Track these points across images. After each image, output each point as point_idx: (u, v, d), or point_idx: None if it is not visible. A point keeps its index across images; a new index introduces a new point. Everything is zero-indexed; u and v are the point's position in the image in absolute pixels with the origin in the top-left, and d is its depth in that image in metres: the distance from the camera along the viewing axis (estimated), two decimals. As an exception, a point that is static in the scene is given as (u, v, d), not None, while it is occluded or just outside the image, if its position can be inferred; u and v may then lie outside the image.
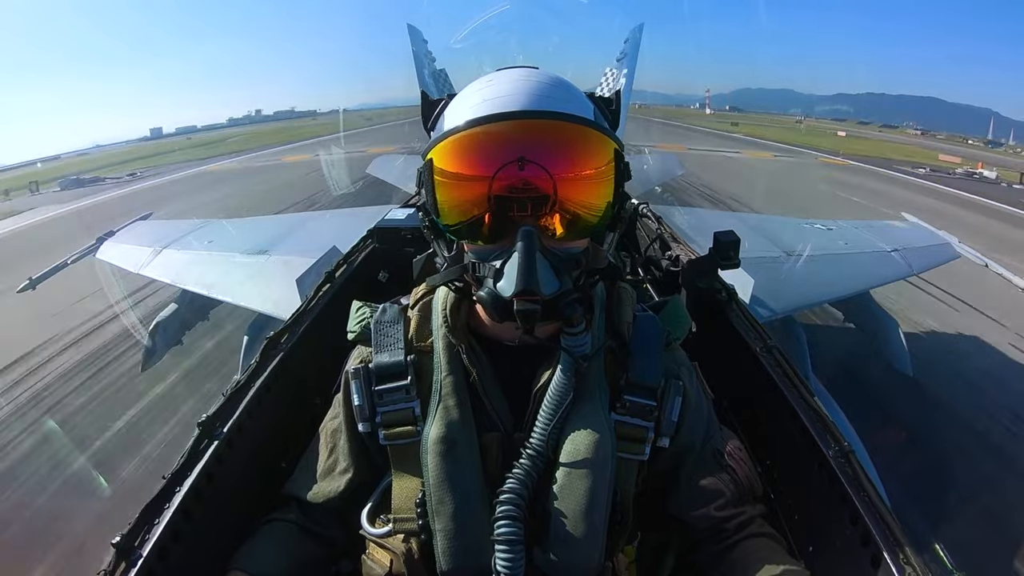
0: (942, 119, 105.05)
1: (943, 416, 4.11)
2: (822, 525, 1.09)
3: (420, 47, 2.45)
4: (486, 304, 0.88)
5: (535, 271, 0.82)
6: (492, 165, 0.83)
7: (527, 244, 0.82)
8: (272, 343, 1.45)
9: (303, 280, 3.07)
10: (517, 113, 0.84)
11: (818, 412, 1.17)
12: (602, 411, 0.94)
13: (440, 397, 0.95)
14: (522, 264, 0.82)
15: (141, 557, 0.92)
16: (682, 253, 2.03)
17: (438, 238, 0.97)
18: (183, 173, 24.40)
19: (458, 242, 0.93)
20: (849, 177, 19.52)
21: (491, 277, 0.86)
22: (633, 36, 2.36)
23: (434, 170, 0.87)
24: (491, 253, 0.87)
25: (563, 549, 0.89)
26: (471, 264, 0.89)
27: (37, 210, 16.76)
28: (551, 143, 0.84)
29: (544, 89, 0.88)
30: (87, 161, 39.31)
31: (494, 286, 0.85)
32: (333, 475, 1.08)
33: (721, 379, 1.35)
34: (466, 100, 0.91)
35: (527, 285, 0.82)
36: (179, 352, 4.63)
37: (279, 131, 53.04)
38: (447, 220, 0.89)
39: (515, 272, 0.82)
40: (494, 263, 0.86)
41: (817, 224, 4.54)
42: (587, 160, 0.86)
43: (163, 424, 4.28)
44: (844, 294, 3.76)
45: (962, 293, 6.35)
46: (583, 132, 0.86)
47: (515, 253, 0.83)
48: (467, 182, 0.85)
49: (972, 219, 12.55)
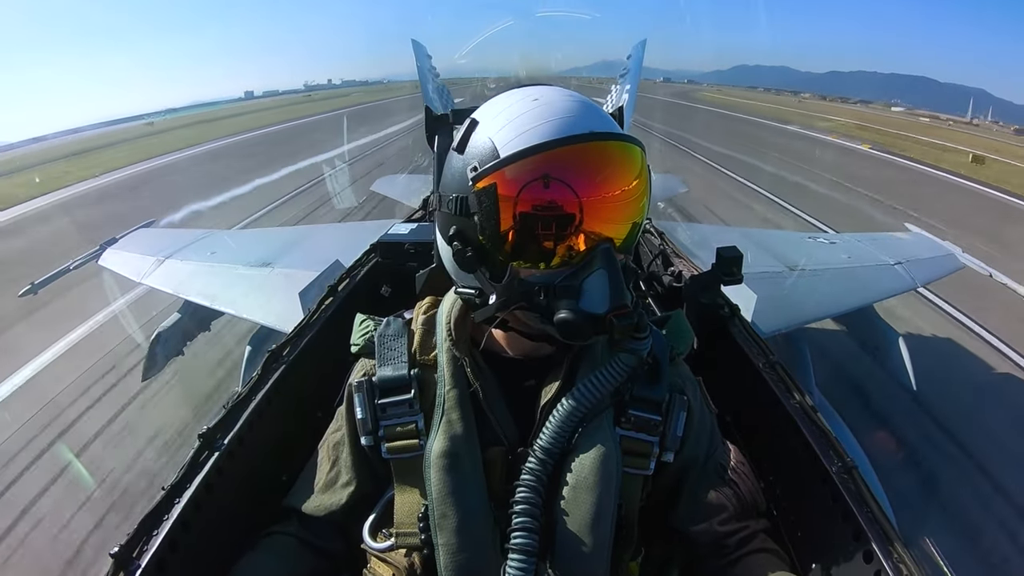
0: (933, 98, 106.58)
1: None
2: (825, 541, 1.08)
3: (424, 62, 2.47)
4: (573, 325, 0.84)
5: (623, 286, 0.83)
6: (583, 189, 0.83)
7: (610, 261, 0.83)
8: (274, 356, 1.46)
9: (306, 293, 3.07)
10: (599, 135, 0.85)
11: (821, 428, 1.17)
12: (608, 426, 0.94)
13: (443, 411, 0.95)
14: (613, 280, 0.83)
15: (139, 568, 0.92)
16: (685, 269, 2.04)
17: (482, 266, 0.90)
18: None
19: (511, 268, 0.87)
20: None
21: (572, 298, 0.84)
22: (636, 52, 2.38)
23: (499, 196, 0.83)
24: (558, 275, 0.86)
25: (568, 563, 0.89)
26: (538, 289, 0.86)
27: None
28: (614, 164, 0.86)
29: (592, 111, 0.89)
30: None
31: (579, 306, 0.84)
32: (335, 488, 1.07)
33: (724, 394, 1.35)
34: (520, 119, 0.87)
35: (622, 300, 0.83)
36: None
37: (372, 92, 70.58)
38: (519, 250, 0.85)
39: (607, 289, 0.82)
40: (567, 284, 0.85)
41: (820, 238, 4.54)
42: (638, 178, 0.88)
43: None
44: (847, 309, 3.74)
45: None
46: (633, 152, 0.88)
47: (599, 270, 0.83)
48: (545, 208, 0.83)
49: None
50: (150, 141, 29.79)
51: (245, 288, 3.56)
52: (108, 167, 20.45)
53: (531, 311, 0.88)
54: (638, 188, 0.87)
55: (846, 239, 4.51)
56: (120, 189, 16.05)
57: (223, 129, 32.29)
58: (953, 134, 34.07)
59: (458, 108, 1.75)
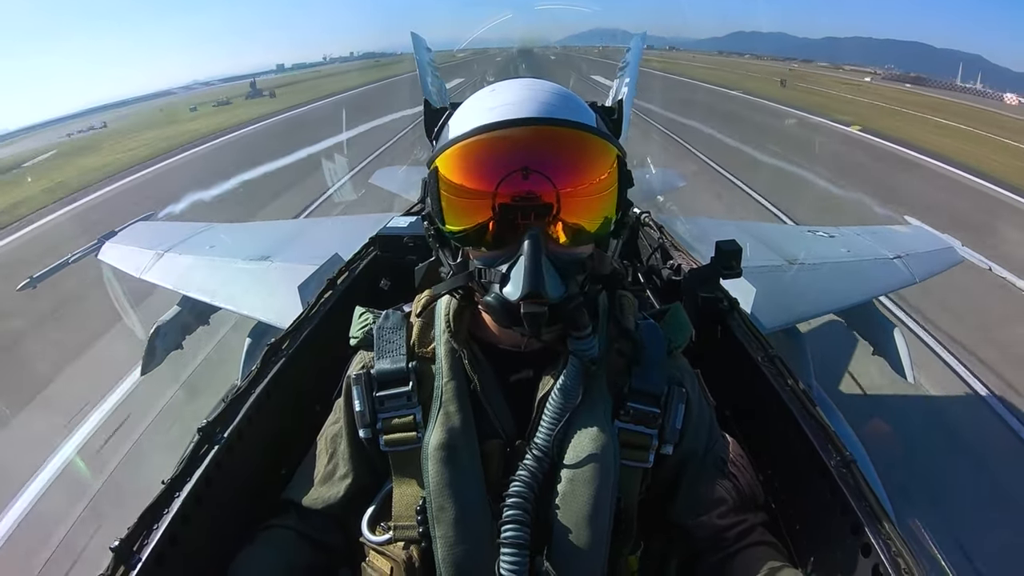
0: (927, 64, 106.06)
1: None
2: (823, 534, 1.08)
3: (423, 56, 2.45)
4: (493, 309, 0.87)
5: (541, 274, 0.82)
6: (497, 174, 0.83)
7: (533, 247, 0.82)
8: (273, 349, 1.45)
9: (305, 287, 3.06)
10: (520, 120, 0.83)
11: (820, 421, 1.17)
12: (605, 419, 0.94)
13: (441, 403, 0.95)
14: (528, 267, 0.82)
15: (139, 561, 0.93)
16: (684, 262, 2.03)
17: (443, 247, 0.97)
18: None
19: (463, 250, 0.93)
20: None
21: (497, 282, 0.86)
22: (635, 45, 2.35)
23: (439, 179, 0.87)
24: (497, 259, 0.87)
25: (565, 557, 0.89)
26: (477, 271, 0.89)
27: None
28: (554, 151, 0.84)
29: (547, 97, 0.88)
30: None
31: (500, 291, 0.85)
32: (333, 481, 1.08)
33: (723, 388, 1.35)
34: (470, 109, 0.92)
35: (533, 288, 0.81)
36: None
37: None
38: (452, 228, 0.89)
39: (521, 275, 0.82)
40: (500, 268, 0.86)
41: (820, 232, 4.52)
42: (590, 167, 0.86)
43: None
44: (847, 303, 3.73)
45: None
46: (585, 139, 0.86)
47: (521, 257, 0.83)
48: (472, 190, 0.85)
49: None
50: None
51: (244, 282, 3.55)
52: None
53: (468, 291, 0.94)
54: (572, 176, 0.85)
55: (845, 232, 4.48)
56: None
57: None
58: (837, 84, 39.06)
59: (456, 102, 1.74)
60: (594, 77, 29.79)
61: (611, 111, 1.00)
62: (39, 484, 3.89)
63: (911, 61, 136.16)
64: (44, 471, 4.00)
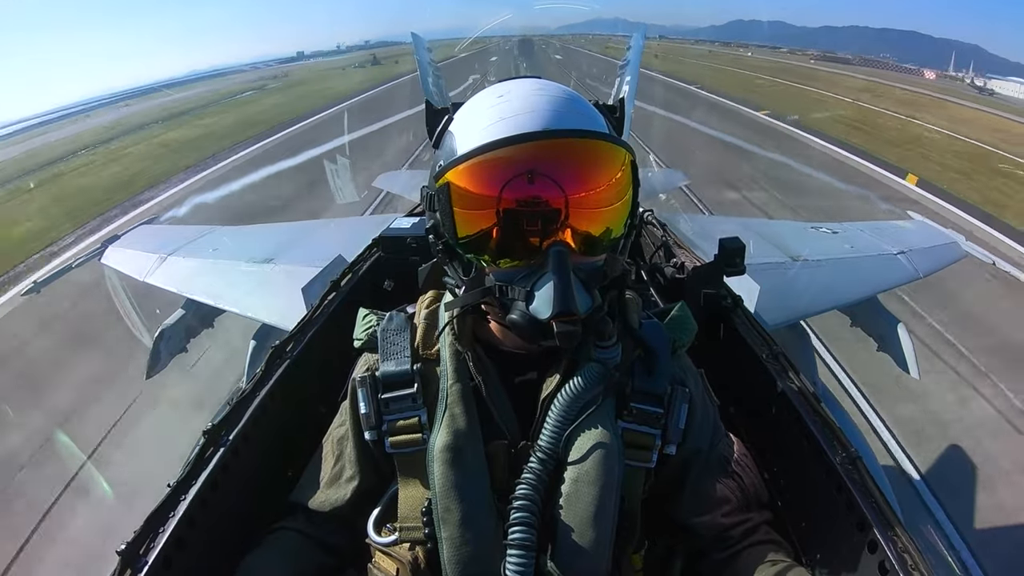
0: (923, 53, 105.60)
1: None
2: (829, 532, 1.08)
3: (423, 55, 2.45)
4: (520, 328, 0.86)
5: (572, 291, 0.81)
6: (511, 189, 0.81)
7: (560, 264, 0.82)
8: (277, 352, 1.45)
9: (308, 289, 3.06)
10: (536, 134, 0.82)
11: (825, 418, 1.16)
12: (609, 419, 0.94)
13: (446, 405, 0.95)
14: (558, 285, 0.81)
15: (146, 565, 0.92)
16: (687, 260, 2.03)
17: (453, 260, 0.94)
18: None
19: (476, 264, 0.90)
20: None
21: (521, 300, 0.85)
22: (635, 42, 2.34)
23: (452, 191, 0.84)
24: (517, 275, 0.86)
25: (570, 557, 0.89)
26: (496, 287, 0.87)
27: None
28: (570, 161, 0.84)
29: (557, 104, 0.87)
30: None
31: (527, 308, 0.84)
32: (339, 483, 1.08)
33: (727, 386, 1.35)
34: (477, 117, 0.90)
35: (565, 307, 0.81)
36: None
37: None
38: (469, 244, 0.87)
39: (551, 294, 0.81)
40: (522, 285, 0.85)
41: (823, 228, 4.51)
42: (608, 176, 0.85)
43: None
44: (851, 300, 3.72)
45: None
46: (600, 147, 0.86)
47: (548, 274, 0.82)
48: (484, 198, 0.83)
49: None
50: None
51: (248, 285, 3.56)
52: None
53: (494, 308, 0.90)
54: (589, 185, 0.84)
55: (848, 228, 4.47)
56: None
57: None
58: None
59: (457, 102, 1.74)
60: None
61: (613, 110, 1.00)
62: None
63: (908, 51, 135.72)
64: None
